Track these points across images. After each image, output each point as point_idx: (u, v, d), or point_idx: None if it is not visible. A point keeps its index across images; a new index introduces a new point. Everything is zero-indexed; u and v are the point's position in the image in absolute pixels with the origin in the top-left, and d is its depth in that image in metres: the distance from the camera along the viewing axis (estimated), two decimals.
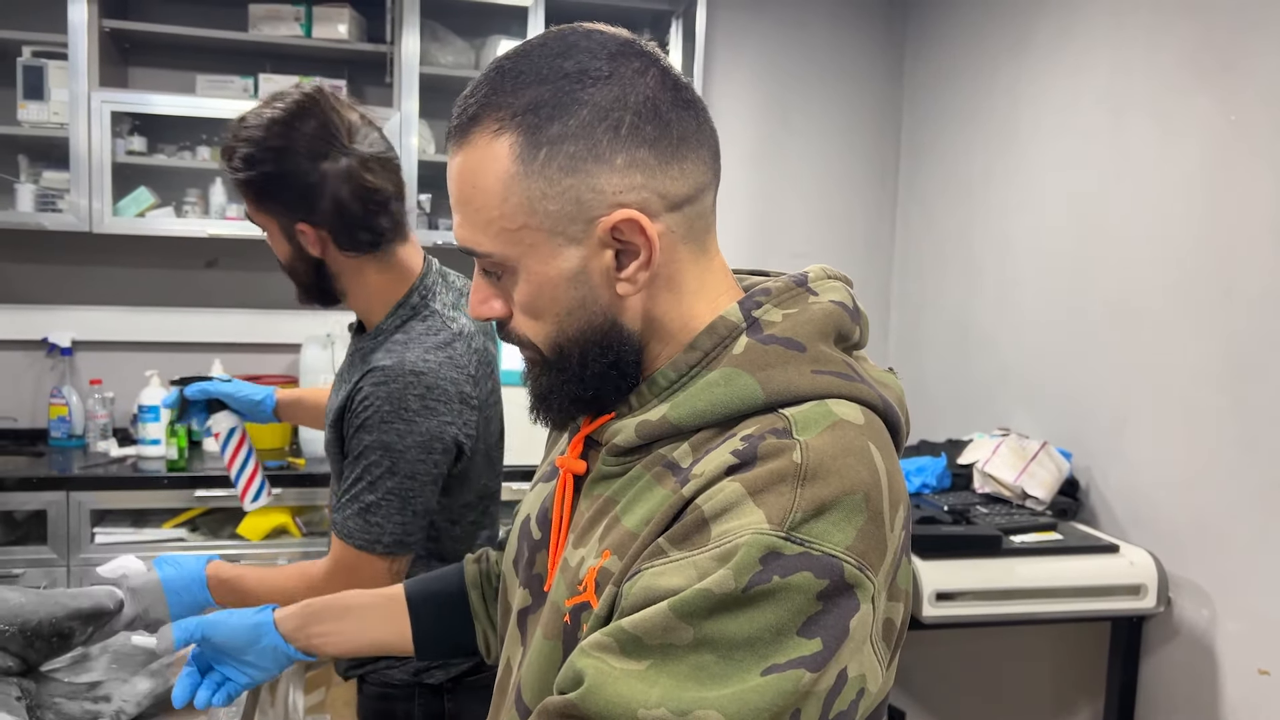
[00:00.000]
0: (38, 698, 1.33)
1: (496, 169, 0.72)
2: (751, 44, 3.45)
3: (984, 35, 3.04)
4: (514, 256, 0.75)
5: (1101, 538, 2.25)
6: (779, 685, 0.62)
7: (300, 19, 3.07)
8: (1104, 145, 2.49)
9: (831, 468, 0.67)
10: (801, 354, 0.74)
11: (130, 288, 3.23)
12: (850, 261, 3.57)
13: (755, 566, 0.64)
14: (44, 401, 3.15)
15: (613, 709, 0.63)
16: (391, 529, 1.39)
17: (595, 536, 0.77)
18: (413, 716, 1.55)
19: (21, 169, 3.01)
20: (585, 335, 0.76)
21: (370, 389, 1.36)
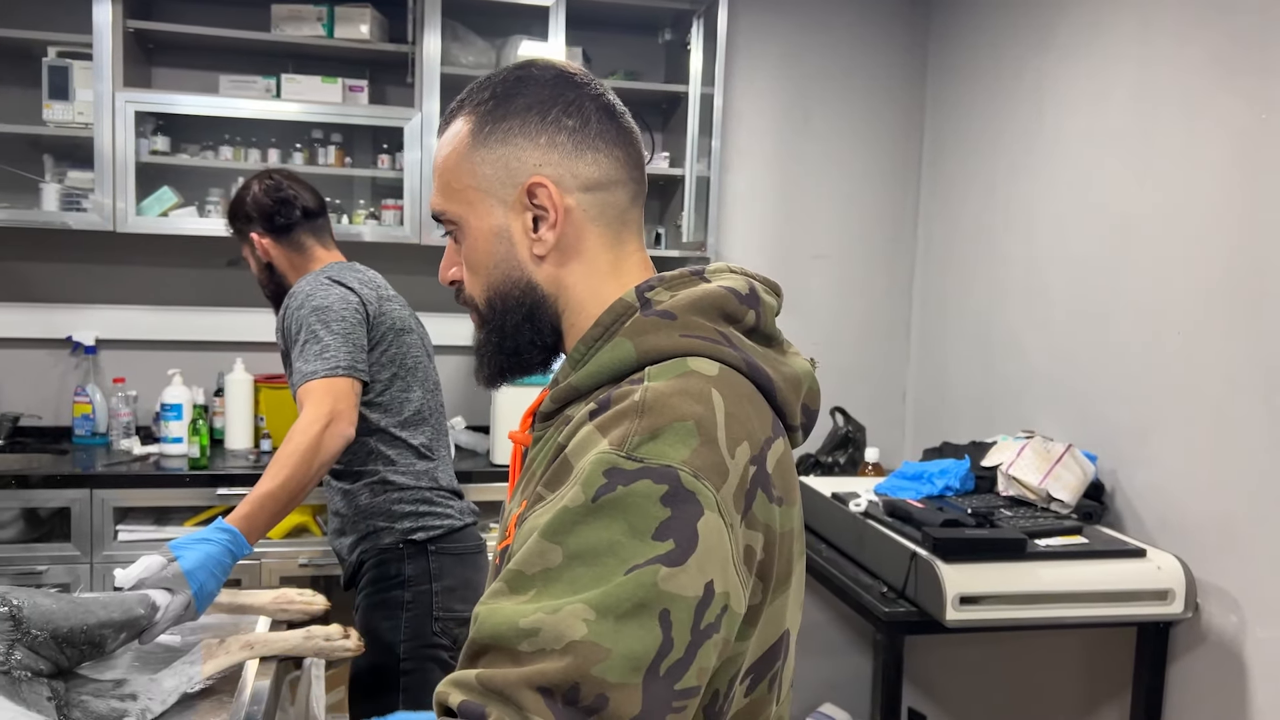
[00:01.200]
0: (66, 697, 1.34)
1: (457, 143, 0.92)
2: (773, 44, 3.43)
3: (1008, 33, 3.01)
4: (460, 214, 0.93)
5: (1128, 542, 2.23)
6: (639, 579, 0.70)
7: (322, 19, 3.08)
8: (1132, 145, 2.46)
9: (667, 403, 0.78)
10: (673, 322, 0.86)
11: (153, 287, 3.25)
12: (872, 262, 3.55)
13: (600, 480, 0.74)
14: (68, 399, 3.17)
15: (499, 629, 0.71)
16: (343, 356, 1.90)
17: (520, 489, 0.92)
18: (404, 572, 1.99)
19: (47, 169, 3.03)
20: (506, 289, 0.93)
21: (294, 289, 2.04)
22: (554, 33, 3.13)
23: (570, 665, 0.68)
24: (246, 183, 2.16)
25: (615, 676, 0.68)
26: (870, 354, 3.57)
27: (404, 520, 2.01)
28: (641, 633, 0.70)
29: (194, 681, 1.48)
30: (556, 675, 0.68)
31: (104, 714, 1.37)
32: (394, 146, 3.18)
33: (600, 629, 0.69)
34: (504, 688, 0.69)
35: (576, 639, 0.69)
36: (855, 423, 3.23)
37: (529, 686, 0.68)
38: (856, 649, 3.45)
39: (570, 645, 0.69)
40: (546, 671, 0.68)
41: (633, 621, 0.70)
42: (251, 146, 3.13)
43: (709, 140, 3.24)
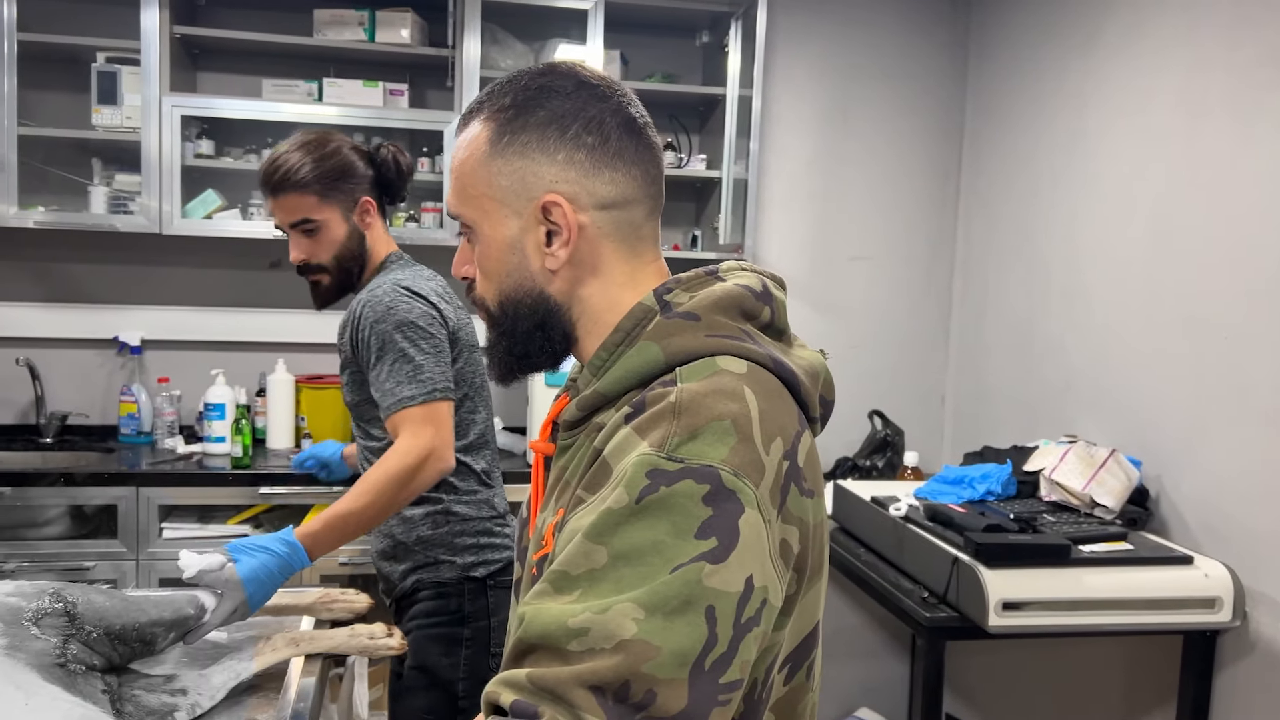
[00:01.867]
0: (119, 691, 1.36)
1: (476, 149, 0.92)
2: (811, 44, 3.42)
3: (1051, 33, 2.98)
4: (475, 219, 0.93)
5: (1174, 549, 2.19)
6: (685, 576, 0.72)
7: (364, 24, 3.11)
8: (1179, 147, 2.43)
9: (702, 403, 0.79)
10: (697, 323, 0.87)
11: (197, 288, 3.30)
12: (911, 263, 3.53)
13: (643, 481, 0.75)
14: (114, 399, 3.22)
15: (547, 628, 0.72)
16: (438, 377, 1.79)
17: (553, 499, 0.91)
18: (463, 608, 1.88)
19: (95, 172, 3.09)
20: (517, 297, 0.93)
21: (368, 296, 1.84)
22: (592, 35, 3.14)
23: (621, 663, 0.69)
24: (330, 137, 1.88)
25: (664, 673, 0.70)
26: (909, 357, 3.54)
27: (466, 554, 1.90)
28: (689, 629, 0.71)
29: (241, 677, 1.50)
30: (608, 673, 0.69)
31: (155, 708, 1.39)
32: (433, 149, 3.20)
33: (650, 627, 0.70)
34: (555, 686, 0.70)
35: (627, 637, 0.70)
36: (894, 426, 3.21)
37: (580, 685, 0.69)
38: (892, 653, 3.43)
39: (621, 644, 0.70)
40: (598, 670, 0.69)
41: (680, 619, 0.71)
42: None
43: (746, 142, 3.24)
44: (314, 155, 1.82)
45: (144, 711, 1.37)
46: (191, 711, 1.41)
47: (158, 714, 1.38)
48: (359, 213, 1.88)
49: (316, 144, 1.84)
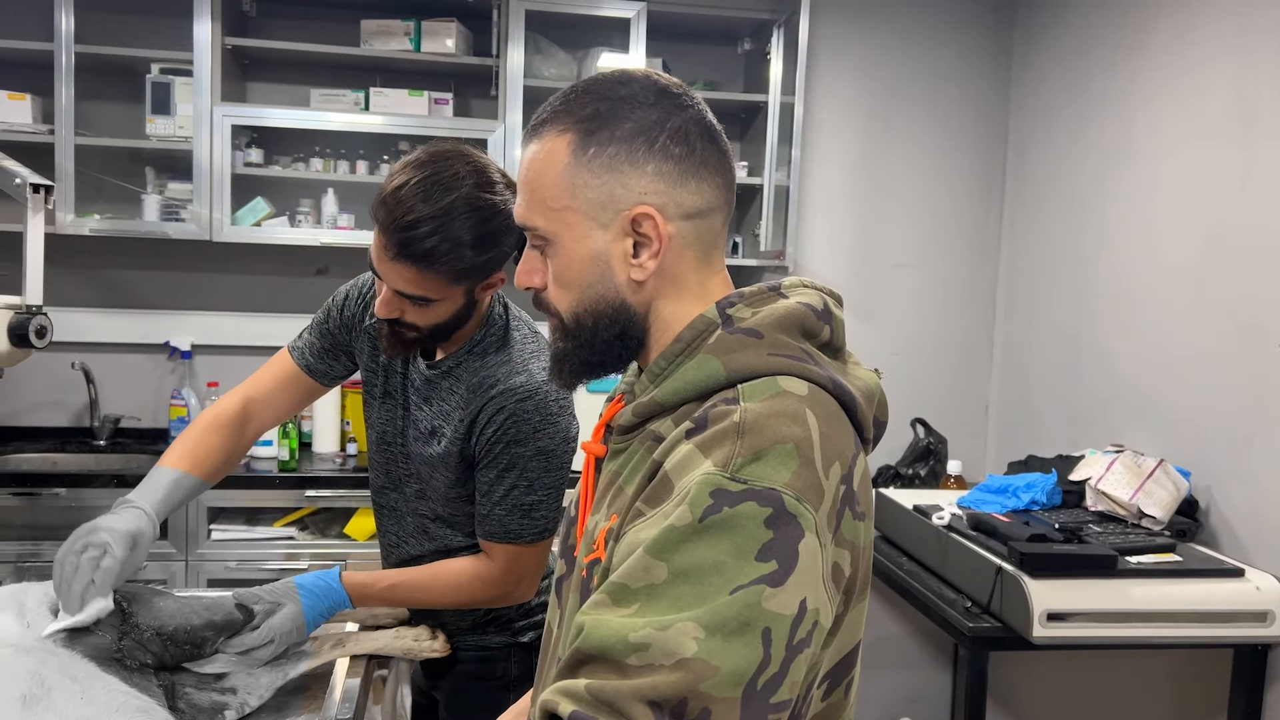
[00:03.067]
0: (172, 688, 1.40)
1: (555, 160, 0.89)
2: (854, 51, 3.41)
3: (1097, 39, 2.95)
4: (555, 232, 0.91)
5: (1225, 561, 2.16)
6: (745, 599, 0.73)
7: (410, 34, 3.16)
8: (1229, 154, 2.39)
9: (766, 424, 0.79)
10: (760, 340, 0.87)
11: (246, 294, 3.36)
12: (954, 271, 3.50)
13: (707, 501, 0.76)
14: (165, 402, 3.29)
15: (607, 640, 0.73)
16: (552, 516, 1.56)
17: (606, 503, 0.92)
18: (510, 673, 1.71)
19: (148, 181, 3.16)
20: (598, 308, 0.92)
21: (515, 406, 1.49)
22: (635, 44, 3.15)
23: (680, 680, 0.70)
24: (499, 201, 1.40)
25: (720, 692, 0.71)
26: (952, 365, 3.51)
27: (517, 620, 1.73)
28: (745, 650, 0.72)
29: (289, 677, 1.53)
30: (667, 689, 0.70)
31: (205, 706, 1.42)
32: None
33: (710, 646, 0.71)
34: (614, 699, 0.71)
35: (687, 656, 0.71)
36: (936, 434, 3.18)
37: (639, 699, 0.71)
38: (934, 663, 3.40)
39: (681, 661, 0.71)
40: (657, 685, 0.71)
41: (738, 639, 0.72)
42: (340, 158, 3.22)
43: (788, 149, 3.24)
44: (477, 233, 1.39)
45: (195, 710, 1.40)
46: (240, 710, 1.44)
47: (208, 712, 1.41)
48: (485, 287, 1.49)
49: (485, 214, 1.39)
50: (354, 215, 3.21)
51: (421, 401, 1.60)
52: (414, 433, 1.61)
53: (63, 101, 2.91)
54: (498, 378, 1.51)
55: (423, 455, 1.60)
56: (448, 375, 1.57)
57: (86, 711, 1.10)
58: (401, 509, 1.70)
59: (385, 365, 1.64)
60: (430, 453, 1.58)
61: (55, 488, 2.79)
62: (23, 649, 1.19)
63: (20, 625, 1.29)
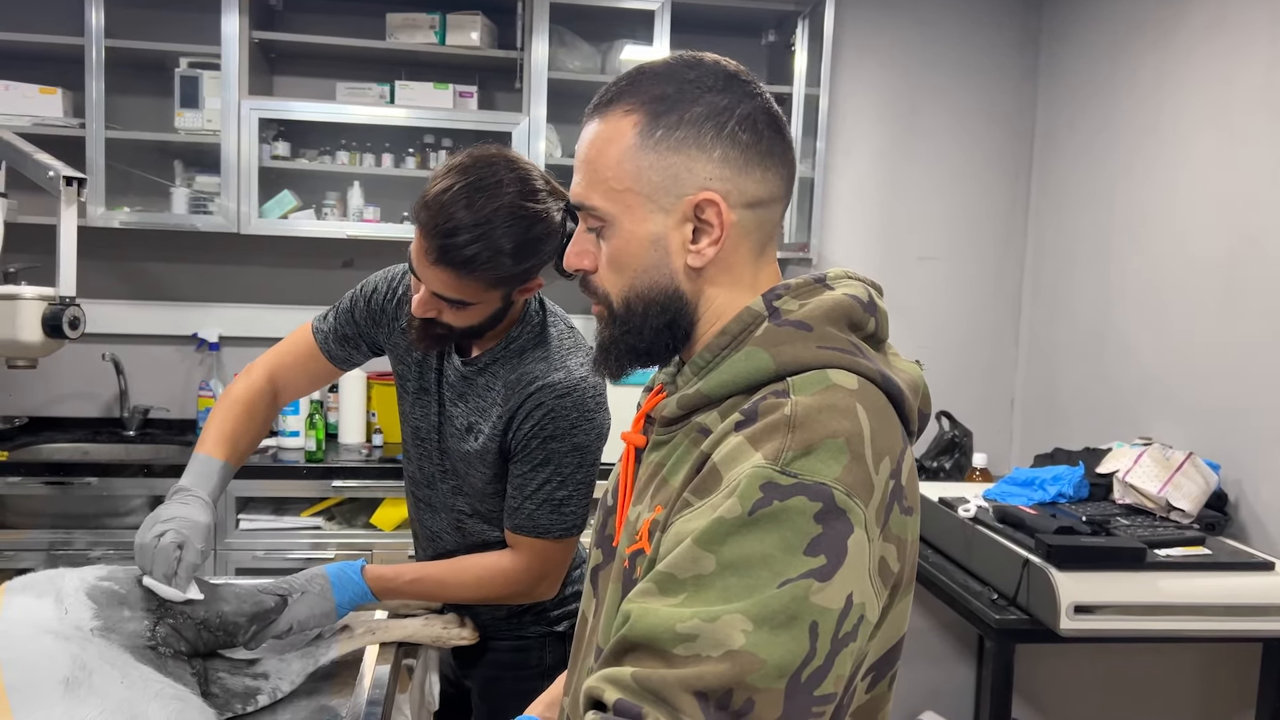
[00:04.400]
0: (205, 674, 1.41)
1: (620, 139, 0.88)
2: (881, 42, 3.40)
3: (1126, 29, 2.93)
4: (614, 214, 0.89)
5: (1255, 554, 2.14)
6: (793, 592, 0.73)
7: (435, 27, 3.17)
8: (1261, 146, 2.37)
9: (817, 418, 0.79)
10: (809, 333, 0.86)
11: (272, 287, 3.39)
12: (980, 263, 3.48)
13: (757, 494, 0.75)
14: (193, 393, 3.32)
15: (654, 630, 0.74)
16: (581, 513, 1.56)
17: (649, 494, 0.90)
18: (545, 661, 1.73)
19: (177, 174, 3.19)
20: (651, 293, 0.90)
21: (554, 402, 1.50)
22: (659, 36, 3.15)
23: (727, 672, 0.71)
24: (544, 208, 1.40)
25: (764, 683, 0.71)
26: (977, 357, 3.50)
27: (553, 610, 1.74)
28: (792, 643, 0.72)
29: (319, 663, 1.55)
30: (714, 680, 0.71)
31: (239, 691, 1.44)
32: None
33: (757, 639, 0.72)
34: (660, 688, 0.71)
35: (735, 648, 0.71)
36: (962, 427, 3.17)
37: (685, 689, 0.71)
38: (958, 657, 3.39)
39: (729, 653, 0.71)
40: (704, 675, 0.71)
41: (785, 633, 0.72)
42: (366, 151, 3.23)
43: (813, 141, 3.23)
44: (518, 242, 1.38)
45: (229, 694, 1.42)
46: (273, 695, 1.46)
47: (241, 697, 1.43)
48: (522, 290, 1.49)
49: (528, 223, 1.38)
50: (380, 208, 3.22)
51: (456, 398, 1.60)
52: (450, 429, 1.62)
53: (93, 96, 2.94)
54: (536, 374, 1.51)
55: (459, 451, 1.60)
56: (483, 372, 1.57)
57: (127, 694, 1.12)
58: (437, 504, 1.70)
59: (419, 361, 1.64)
60: (467, 449, 1.58)
61: (86, 477, 2.83)
62: (62, 635, 1.21)
63: (58, 611, 1.30)
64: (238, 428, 1.63)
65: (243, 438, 1.63)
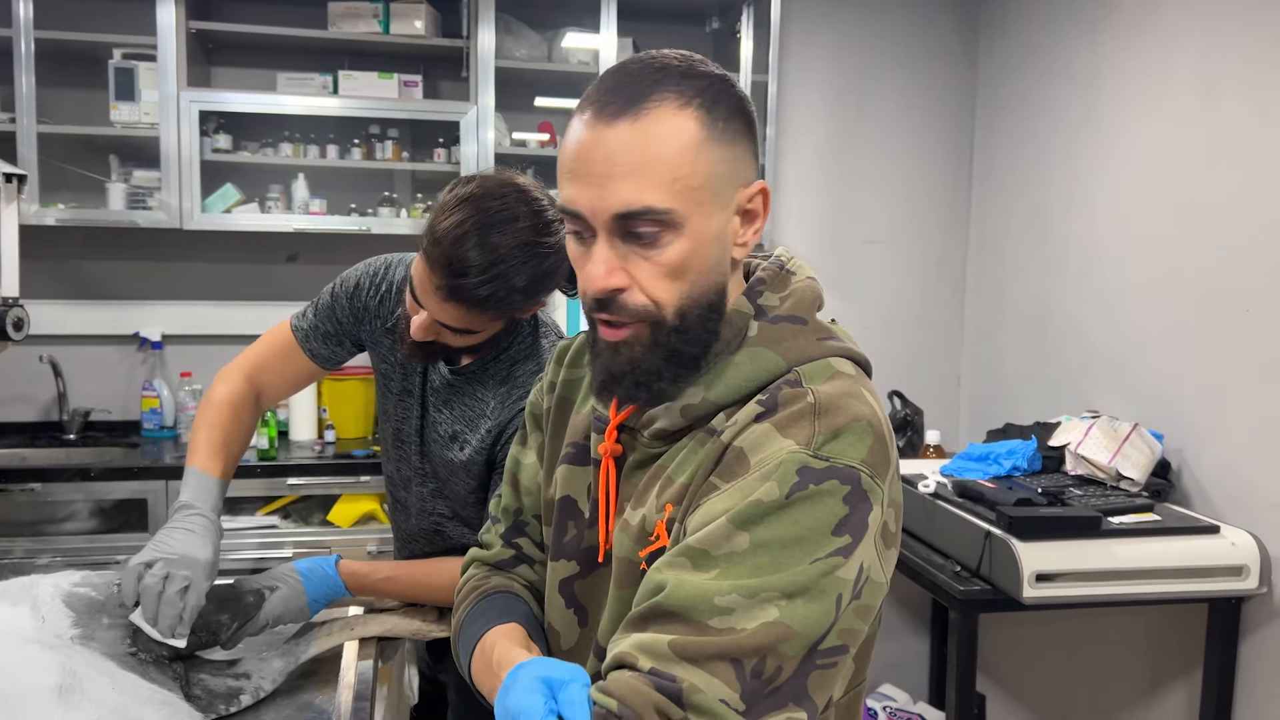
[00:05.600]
0: (186, 677, 1.39)
1: (686, 135, 0.83)
2: (826, 29, 3.44)
3: (1063, 14, 3.01)
4: (687, 213, 0.84)
5: (1201, 519, 2.23)
6: (822, 568, 0.78)
7: (379, 16, 3.12)
8: (1196, 126, 2.45)
9: (839, 404, 0.83)
10: (805, 326, 0.91)
11: (216, 283, 3.31)
12: (926, 246, 3.55)
13: (794, 478, 0.79)
14: (136, 394, 3.24)
15: (693, 600, 0.77)
16: None
17: (652, 496, 0.90)
18: None
19: (112, 169, 3.09)
20: (709, 295, 0.87)
21: None
22: (605, 24, 3.15)
23: (762, 642, 0.76)
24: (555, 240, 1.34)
25: (794, 651, 0.77)
26: (924, 338, 3.57)
27: None
28: (821, 615, 0.78)
29: (300, 661, 1.53)
30: (749, 648, 0.75)
31: (221, 693, 1.41)
32: (449, 140, 3.22)
33: (790, 611, 0.77)
34: (697, 656, 0.75)
35: (769, 620, 0.76)
36: (913, 406, 3.24)
37: (722, 657, 0.75)
38: (913, 631, 3.47)
39: (763, 625, 0.76)
40: (741, 644, 0.75)
41: (816, 605, 0.78)
42: (310, 142, 3.18)
43: (762, 128, 3.26)
44: (530, 278, 1.34)
45: (212, 696, 1.40)
46: (255, 695, 1.44)
47: (224, 698, 1.41)
48: (530, 309, 1.46)
49: (541, 259, 1.34)
50: (326, 200, 3.17)
51: (441, 404, 1.57)
52: (432, 434, 1.59)
53: (23, 89, 2.84)
54: (527, 388, 1.49)
55: (442, 457, 1.58)
56: (471, 380, 1.54)
57: (120, 700, 1.10)
58: (414, 506, 1.68)
59: (404, 363, 1.61)
60: (452, 458, 1.56)
61: (26, 483, 2.74)
62: (45, 644, 1.18)
63: (36, 620, 1.27)
64: (227, 437, 1.56)
65: (233, 445, 1.57)
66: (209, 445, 1.53)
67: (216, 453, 1.53)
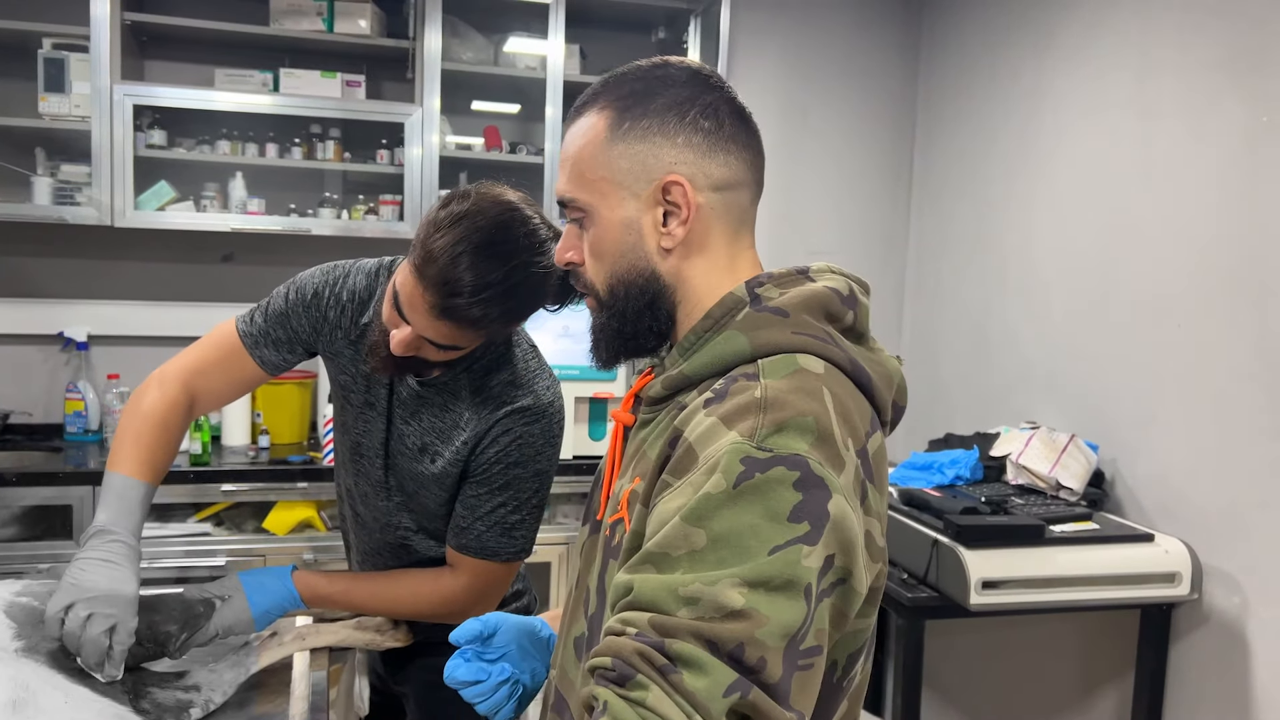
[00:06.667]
0: (134, 690, 1.34)
1: (594, 134, 0.95)
2: (772, 43, 3.48)
3: (1004, 35, 3.09)
4: (591, 202, 0.95)
5: (1136, 527, 2.30)
6: (784, 558, 0.77)
7: (322, 14, 3.07)
8: (1132, 146, 2.54)
9: (786, 400, 0.83)
10: (785, 319, 0.91)
11: (147, 282, 3.21)
12: (865, 257, 3.61)
13: (739, 468, 0.79)
14: (59, 396, 3.12)
15: (657, 594, 0.78)
16: (530, 537, 1.53)
17: (630, 468, 0.95)
18: None
19: (39, 162, 2.98)
20: (629, 276, 0.95)
21: (522, 429, 1.47)
22: (553, 30, 3.14)
23: (736, 628, 0.75)
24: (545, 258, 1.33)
25: (772, 642, 0.76)
26: None
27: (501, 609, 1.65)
28: (791, 606, 0.77)
29: (251, 672, 1.48)
30: (725, 634, 0.75)
31: (170, 705, 1.36)
32: (393, 142, 3.17)
33: (755, 600, 0.76)
34: (674, 630, 0.76)
35: (736, 608, 0.75)
36: None
37: (697, 636, 0.75)
38: None
39: (732, 613, 0.75)
40: (715, 630, 0.75)
41: (782, 596, 0.76)
42: (249, 141, 3.10)
43: None
44: (523, 299, 1.34)
45: (161, 709, 1.34)
46: (206, 708, 1.39)
47: (174, 711, 1.36)
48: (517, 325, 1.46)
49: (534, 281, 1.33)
50: (264, 200, 3.10)
51: (409, 416, 1.52)
52: (399, 447, 1.54)
53: None
54: (504, 399, 1.47)
55: (411, 470, 1.53)
56: (442, 391, 1.50)
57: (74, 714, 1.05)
58: (377, 519, 1.62)
59: (368, 375, 1.54)
60: (422, 470, 1.52)
61: None
62: None
63: None
64: (154, 446, 1.46)
65: (160, 456, 1.47)
66: (135, 453, 1.44)
67: (142, 461, 1.44)
